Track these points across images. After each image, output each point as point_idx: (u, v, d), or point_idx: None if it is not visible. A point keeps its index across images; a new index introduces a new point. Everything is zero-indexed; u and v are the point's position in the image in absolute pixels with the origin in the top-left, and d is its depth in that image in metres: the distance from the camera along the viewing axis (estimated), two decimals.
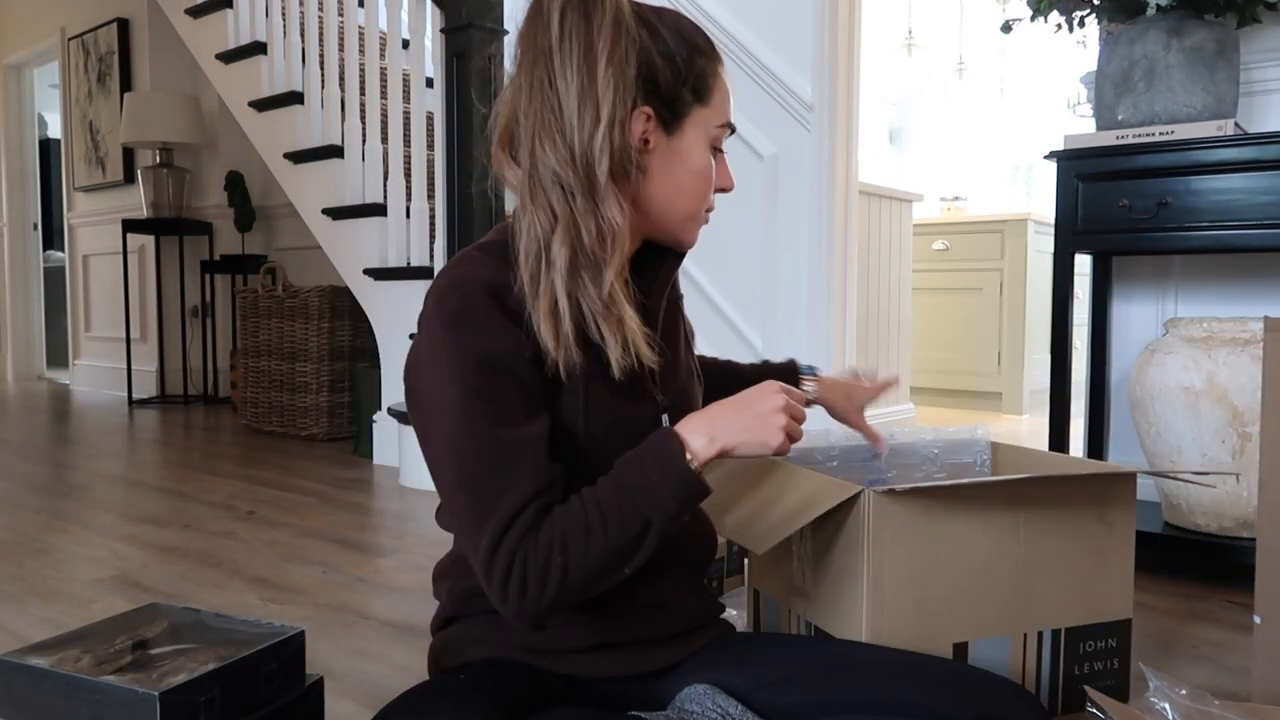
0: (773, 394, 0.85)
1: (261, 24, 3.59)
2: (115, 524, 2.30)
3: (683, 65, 0.87)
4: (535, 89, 0.83)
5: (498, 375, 0.81)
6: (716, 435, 0.83)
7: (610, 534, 0.79)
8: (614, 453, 0.86)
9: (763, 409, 0.85)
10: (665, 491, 0.80)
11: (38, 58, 5.88)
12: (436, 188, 2.89)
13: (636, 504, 0.80)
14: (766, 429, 0.84)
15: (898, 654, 0.95)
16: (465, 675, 0.88)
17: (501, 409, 0.81)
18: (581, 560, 0.79)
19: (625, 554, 0.81)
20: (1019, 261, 4.28)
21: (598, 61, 0.82)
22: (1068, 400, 1.91)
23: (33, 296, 6.23)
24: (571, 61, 0.82)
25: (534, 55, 0.84)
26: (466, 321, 0.82)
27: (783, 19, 2.98)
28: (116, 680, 0.87)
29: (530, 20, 0.85)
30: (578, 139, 0.82)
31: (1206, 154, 1.73)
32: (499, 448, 0.80)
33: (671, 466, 0.81)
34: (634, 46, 0.84)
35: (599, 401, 0.87)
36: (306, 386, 3.64)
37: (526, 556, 0.78)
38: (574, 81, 0.82)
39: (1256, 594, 1.13)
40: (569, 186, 0.82)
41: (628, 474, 0.82)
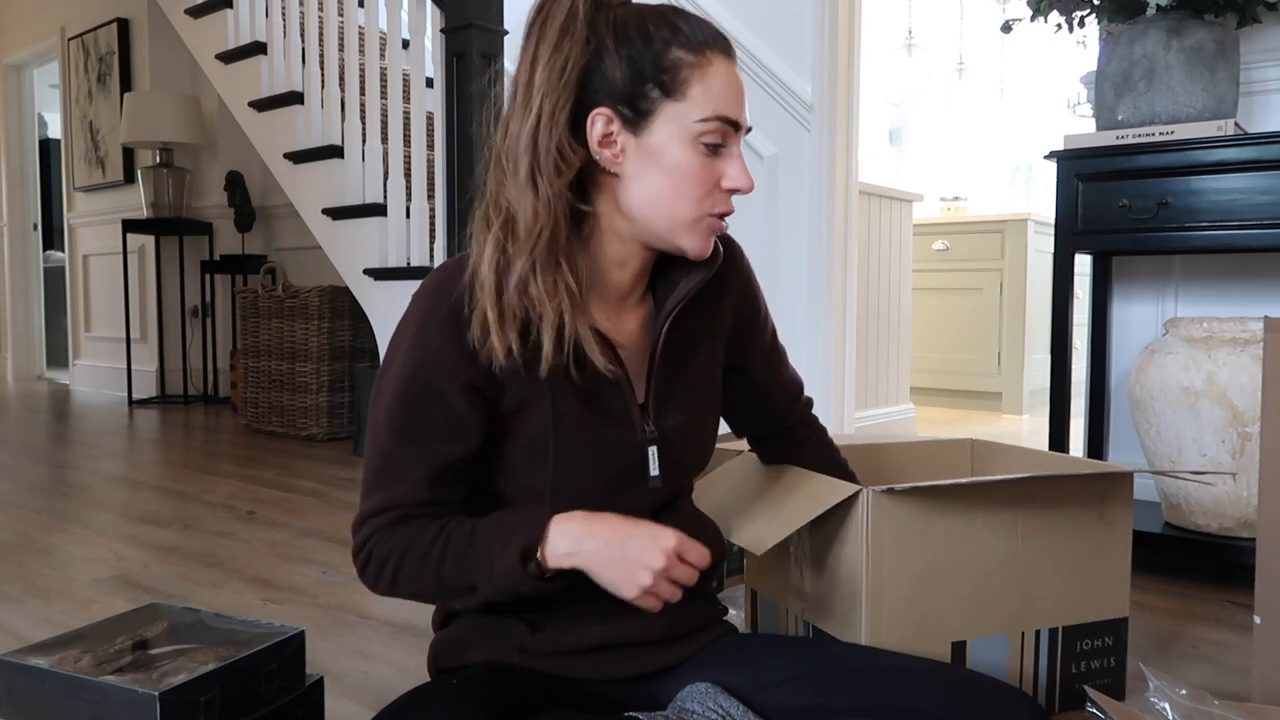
0: (655, 549, 0.80)
1: (261, 24, 3.58)
2: (115, 524, 2.30)
3: (646, 62, 0.83)
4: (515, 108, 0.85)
5: (430, 391, 0.84)
6: (578, 551, 0.81)
7: (442, 575, 0.84)
8: (596, 477, 0.87)
9: (636, 557, 0.80)
10: (496, 576, 0.82)
11: (38, 58, 5.87)
12: (436, 188, 2.89)
13: (473, 566, 0.83)
14: (626, 578, 0.80)
15: (898, 657, 0.95)
16: (460, 680, 0.88)
17: (422, 422, 0.84)
18: (411, 579, 0.85)
19: (451, 595, 0.86)
20: (1019, 261, 4.28)
21: (537, 64, 0.83)
22: (1068, 400, 1.91)
23: (33, 296, 6.23)
24: (522, 61, 0.84)
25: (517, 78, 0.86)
26: (422, 329, 0.85)
27: (783, 19, 2.98)
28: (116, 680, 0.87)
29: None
30: (511, 136, 0.83)
31: (1206, 154, 1.73)
32: (400, 452, 0.85)
33: (511, 559, 0.81)
34: (579, 48, 0.82)
35: (571, 423, 0.86)
36: (306, 386, 3.64)
37: (373, 549, 0.85)
38: (520, 85, 0.84)
39: (1256, 594, 1.13)
40: (497, 181, 0.84)
41: (486, 533, 0.83)
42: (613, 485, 0.89)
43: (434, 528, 0.84)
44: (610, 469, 0.89)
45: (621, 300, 0.91)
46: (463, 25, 2.72)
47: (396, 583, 0.85)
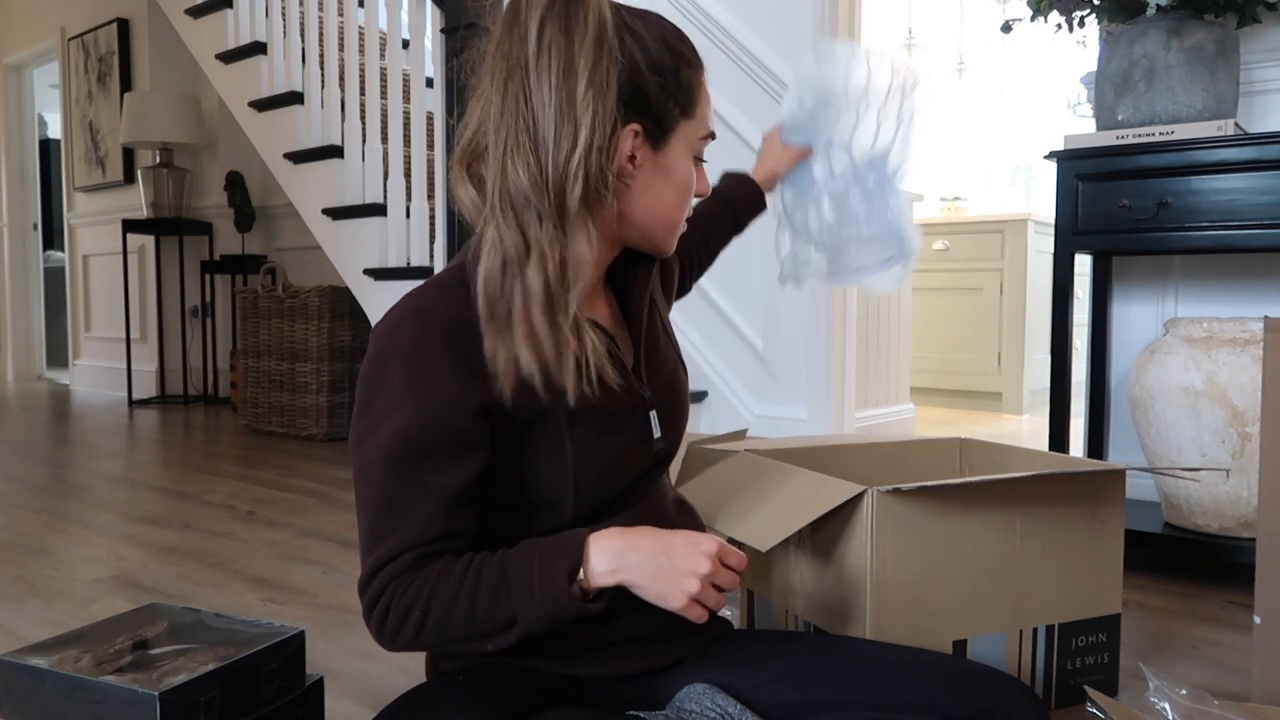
0: (700, 555, 0.78)
1: (261, 24, 3.58)
2: (115, 524, 2.30)
3: (670, 79, 0.84)
4: (508, 104, 0.78)
5: (433, 421, 0.78)
6: (622, 567, 0.78)
7: (476, 613, 0.78)
8: (613, 457, 0.87)
9: (681, 565, 0.78)
10: (539, 603, 0.77)
11: (38, 58, 5.88)
12: (436, 188, 2.89)
13: (510, 598, 0.78)
14: (673, 587, 0.78)
15: (897, 649, 0.95)
16: (463, 677, 0.88)
17: (424, 454, 0.79)
18: (439, 624, 0.78)
19: (485, 635, 0.79)
20: (1019, 261, 4.28)
21: (578, 82, 0.77)
22: (1068, 400, 1.91)
23: (33, 296, 6.24)
24: (549, 79, 0.77)
25: (508, 68, 0.79)
26: (416, 360, 0.79)
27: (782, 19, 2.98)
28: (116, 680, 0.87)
29: (505, 28, 0.80)
30: (552, 162, 0.78)
31: (1206, 154, 1.73)
32: (406, 489, 0.79)
33: (555, 582, 0.77)
34: (615, 65, 0.79)
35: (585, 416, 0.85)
36: (306, 386, 3.64)
37: (393, 598, 0.79)
38: (551, 101, 0.77)
39: (1257, 594, 1.13)
40: (540, 211, 0.78)
41: (520, 563, 0.79)
42: (625, 459, 0.90)
43: (459, 566, 0.79)
44: (624, 445, 0.90)
45: (594, 294, 0.93)
46: (463, 25, 2.73)
47: (422, 631, 0.78)
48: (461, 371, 0.79)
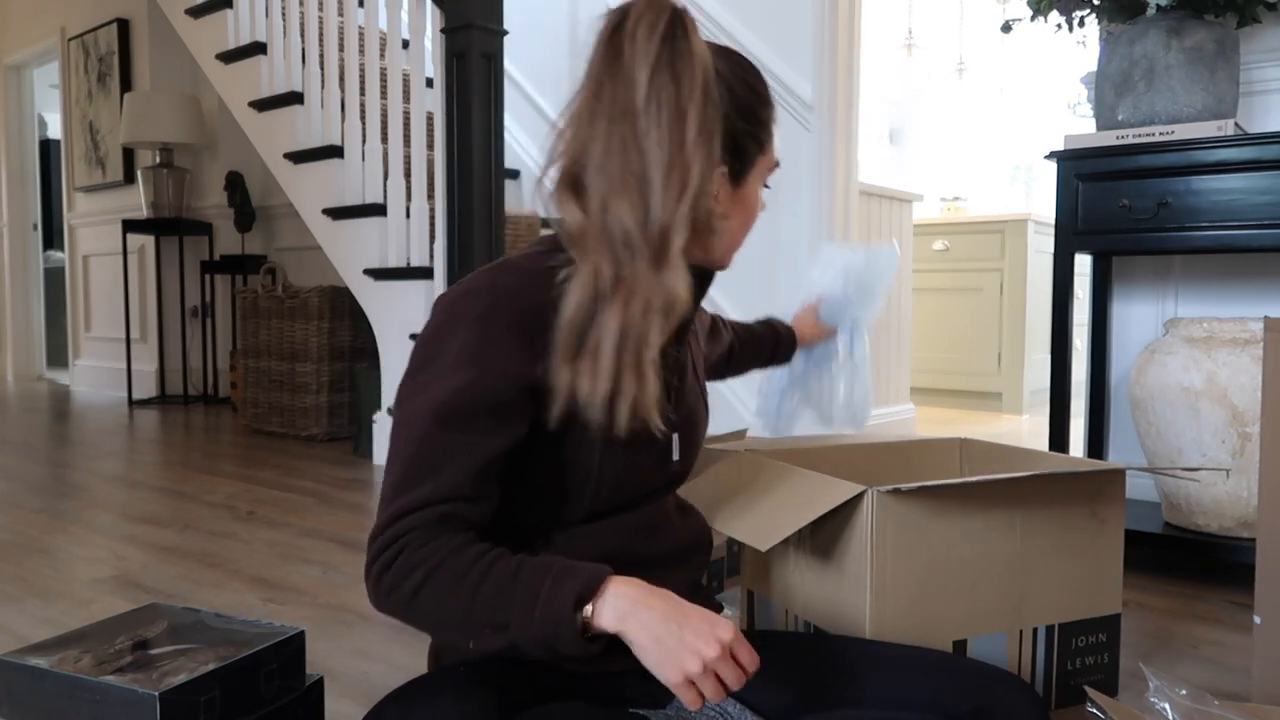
0: (711, 638, 0.74)
1: (261, 24, 3.59)
2: (115, 524, 2.30)
3: (752, 120, 0.88)
4: (613, 145, 0.80)
5: (487, 388, 0.80)
6: (631, 617, 0.74)
7: (475, 601, 0.75)
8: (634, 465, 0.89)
9: (690, 640, 0.73)
10: (538, 618, 0.74)
11: (38, 58, 5.88)
12: (436, 188, 2.89)
13: (513, 602, 0.75)
14: (673, 659, 0.73)
15: (895, 648, 0.95)
16: (466, 668, 0.88)
17: (472, 415, 0.79)
18: (436, 596, 0.76)
19: (475, 627, 0.76)
20: (1019, 261, 4.28)
21: (687, 130, 0.79)
22: (1068, 400, 1.91)
23: (33, 296, 6.24)
24: (659, 125, 0.79)
25: (615, 111, 0.80)
26: (484, 328, 0.80)
27: (783, 19, 2.98)
28: (116, 680, 0.87)
29: (608, 67, 0.81)
30: (658, 207, 0.79)
31: (1206, 154, 1.74)
32: (444, 445, 0.79)
33: (561, 604, 0.74)
34: (718, 110, 0.82)
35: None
36: (306, 386, 3.64)
37: (401, 551, 0.77)
38: (661, 148, 0.79)
39: (1256, 594, 1.13)
40: (638, 250, 0.79)
41: (535, 572, 0.76)
42: (644, 474, 0.92)
43: (476, 548, 0.77)
44: (646, 459, 0.91)
45: None
46: (463, 25, 2.73)
47: (417, 597, 0.76)
48: (525, 349, 0.80)
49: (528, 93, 3.88)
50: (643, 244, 0.79)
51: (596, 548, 0.87)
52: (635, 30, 0.80)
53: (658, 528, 0.94)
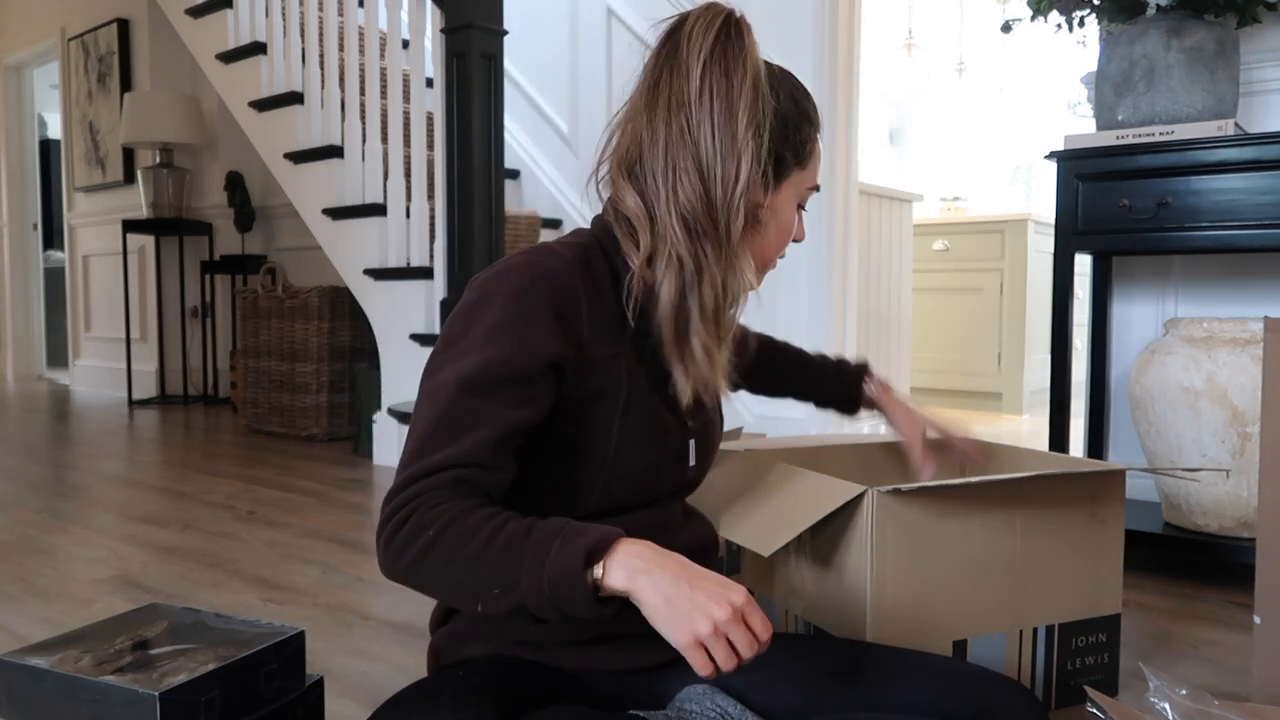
0: (724, 600, 0.73)
1: (261, 24, 3.59)
2: (115, 524, 2.30)
3: (794, 131, 0.91)
4: (672, 135, 0.85)
5: (514, 360, 0.81)
6: (639, 578, 0.73)
7: (485, 558, 0.75)
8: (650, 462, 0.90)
9: (701, 601, 0.73)
10: (549, 573, 0.73)
11: (38, 58, 5.88)
12: (436, 188, 2.89)
13: (523, 559, 0.74)
14: (683, 619, 0.72)
15: (896, 651, 0.95)
16: (464, 673, 0.88)
17: (497, 386, 0.80)
18: (446, 555, 0.75)
19: (483, 586, 0.75)
20: (1019, 261, 4.28)
21: (739, 122, 0.84)
22: (1068, 400, 1.91)
23: (33, 296, 6.24)
24: (712, 117, 0.84)
25: (671, 101, 0.85)
26: (521, 304, 0.82)
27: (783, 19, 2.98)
28: (116, 680, 0.87)
29: (665, 62, 0.86)
30: (718, 194, 0.85)
31: (1207, 154, 1.74)
32: (468, 412, 0.79)
33: (572, 559, 0.73)
34: (768, 109, 0.87)
35: (639, 410, 0.89)
36: (306, 386, 3.64)
37: (414, 511, 0.77)
38: (716, 137, 0.84)
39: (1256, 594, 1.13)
40: (710, 236, 0.85)
41: (546, 530, 0.76)
42: (659, 473, 0.93)
43: (488, 509, 0.77)
44: (661, 458, 0.92)
45: None
46: (463, 25, 2.73)
47: (427, 557, 0.75)
48: (558, 329, 0.83)
49: (528, 93, 3.88)
50: (708, 230, 0.85)
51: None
52: (693, 28, 0.86)
53: (665, 530, 0.94)
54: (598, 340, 0.86)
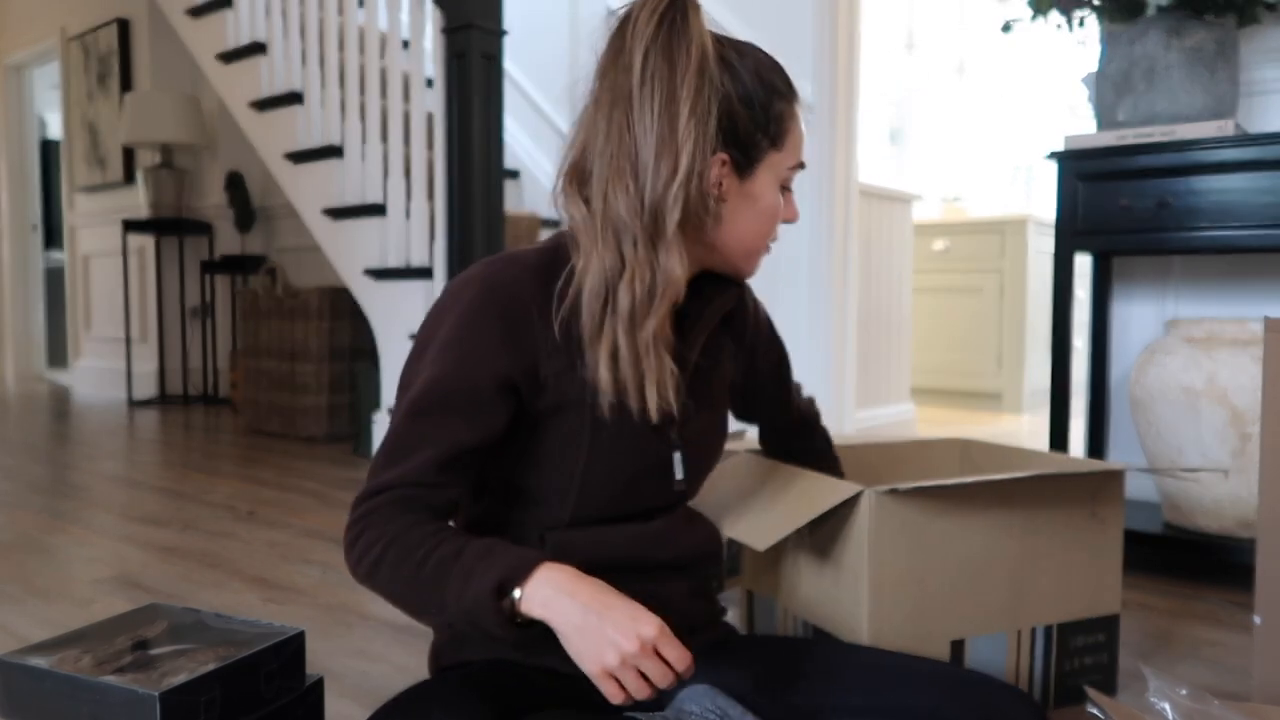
0: (632, 632, 0.73)
1: (261, 24, 3.58)
2: (115, 524, 2.30)
3: (760, 110, 0.86)
4: (612, 132, 0.82)
5: (460, 380, 0.82)
6: (554, 605, 0.75)
7: (420, 579, 0.78)
8: (621, 485, 0.88)
9: (610, 632, 0.73)
10: (467, 599, 0.76)
11: (38, 58, 5.88)
12: (436, 188, 2.89)
13: (450, 580, 0.77)
14: (592, 650, 0.73)
15: (898, 657, 0.95)
16: (459, 678, 0.88)
17: (442, 405, 0.82)
18: (391, 572, 0.80)
19: (421, 604, 0.81)
20: (1019, 262, 4.28)
21: (679, 111, 0.81)
22: (1068, 400, 1.91)
23: (33, 296, 6.24)
24: (652, 108, 0.81)
25: (613, 97, 0.83)
26: (468, 320, 0.83)
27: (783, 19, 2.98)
28: (116, 680, 0.87)
29: (611, 57, 0.84)
30: (650, 188, 0.81)
31: (1206, 154, 1.73)
32: (413, 433, 0.82)
33: (483, 588, 0.75)
34: (716, 95, 0.83)
35: (607, 424, 0.86)
36: (306, 387, 3.64)
37: (365, 528, 0.81)
38: (653, 129, 0.81)
39: (1256, 594, 1.13)
40: (635, 234, 0.82)
41: (475, 552, 0.78)
42: (638, 486, 0.91)
43: (430, 527, 0.80)
44: (638, 470, 0.90)
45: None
46: (463, 25, 2.73)
47: (377, 570, 0.80)
48: (507, 344, 0.83)
49: (528, 93, 3.88)
50: (638, 228, 0.81)
51: (590, 553, 0.87)
52: (638, 17, 0.82)
53: (661, 538, 0.93)
54: (554, 354, 0.85)
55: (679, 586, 0.96)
